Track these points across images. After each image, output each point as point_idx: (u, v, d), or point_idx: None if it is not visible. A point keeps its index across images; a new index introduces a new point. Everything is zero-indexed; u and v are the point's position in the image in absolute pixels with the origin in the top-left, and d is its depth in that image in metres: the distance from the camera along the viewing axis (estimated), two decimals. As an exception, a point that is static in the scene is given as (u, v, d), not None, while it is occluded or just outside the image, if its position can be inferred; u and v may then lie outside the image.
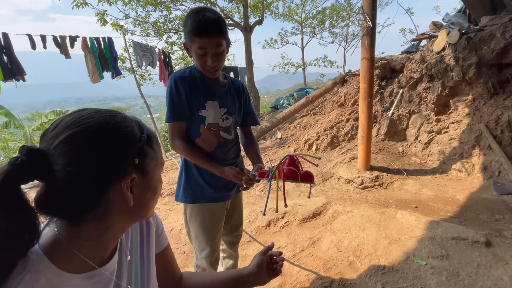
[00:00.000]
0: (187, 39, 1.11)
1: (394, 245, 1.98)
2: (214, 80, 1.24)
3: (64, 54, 4.59)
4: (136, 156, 0.52)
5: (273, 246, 0.88)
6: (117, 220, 0.53)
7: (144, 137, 0.54)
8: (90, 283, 0.52)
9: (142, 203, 0.56)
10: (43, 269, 0.46)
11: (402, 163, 3.31)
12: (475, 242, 1.85)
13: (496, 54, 2.93)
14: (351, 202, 2.66)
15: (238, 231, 1.54)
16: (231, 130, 1.31)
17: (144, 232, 0.71)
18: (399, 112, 3.77)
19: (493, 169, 2.69)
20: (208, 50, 1.09)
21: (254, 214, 2.68)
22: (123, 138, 0.51)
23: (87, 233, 0.51)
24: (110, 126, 0.50)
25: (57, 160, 0.45)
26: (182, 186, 1.30)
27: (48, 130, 0.49)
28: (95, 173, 0.48)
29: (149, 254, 0.70)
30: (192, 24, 1.04)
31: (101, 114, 0.51)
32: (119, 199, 0.51)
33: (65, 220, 0.50)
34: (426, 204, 2.53)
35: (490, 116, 2.85)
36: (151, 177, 0.56)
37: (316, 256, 2.04)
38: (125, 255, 0.63)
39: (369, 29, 2.67)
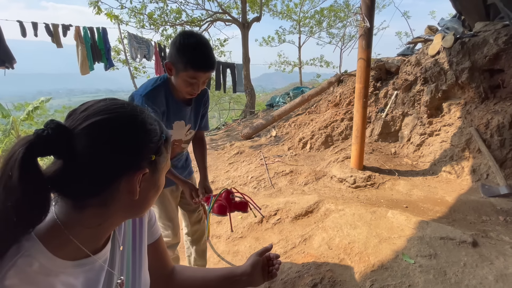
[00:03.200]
0: (178, 65, 1.10)
1: (384, 243, 2.01)
2: (182, 99, 1.27)
3: (55, 43, 4.48)
4: (154, 153, 0.53)
5: (271, 248, 0.87)
6: (118, 210, 0.53)
7: (163, 137, 0.55)
8: (82, 271, 0.51)
9: (145, 198, 0.56)
10: (37, 253, 0.45)
11: (394, 164, 3.36)
12: (462, 242, 1.89)
13: (489, 59, 2.99)
14: (343, 201, 2.68)
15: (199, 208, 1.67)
16: (190, 140, 1.44)
17: (137, 223, 0.70)
18: (392, 113, 3.81)
19: (482, 172, 2.75)
20: (198, 81, 1.14)
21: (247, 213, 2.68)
22: (147, 134, 0.52)
23: (87, 219, 0.50)
24: (139, 120, 0.51)
25: (81, 140, 0.45)
26: None
27: (77, 110, 0.49)
28: (114, 160, 0.48)
29: (141, 244, 0.69)
30: (191, 55, 1.07)
31: (132, 107, 0.52)
32: (126, 190, 0.50)
33: (70, 201, 0.49)
34: (416, 204, 2.57)
35: (480, 120, 2.92)
36: (159, 176, 0.57)
37: (308, 253, 2.05)
38: (118, 245, 0.62)
39: (366, 29, 2.68)
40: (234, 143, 5.01)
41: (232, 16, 8.77)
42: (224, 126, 8.25)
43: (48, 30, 4.33)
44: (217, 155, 4.63)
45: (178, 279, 0.81)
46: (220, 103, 15.86)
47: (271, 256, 0.86)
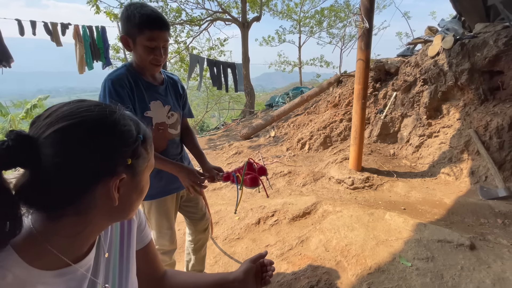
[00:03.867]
0: (131, 32, 1.10)
1: (381, 246, 1.99)
2: (152, 79, 1.25)
3: (55, 42, 4.46)
4: (130, 156, 0.50)
5: (265, 254, 0.84)
6: (98, 217, 0.51)
7: (140, 138, 0.52)
8: (63, 280, 0.49)
9: (127, 203, 0.54)
10: (11, 265, 0.43)
11: (393, 165, 3.35)
12: (459, 245, 1.88)
13: (488, 61, 2.97)
14: (341, 202, 2.67)
15: (205, 216, 1.60)
16: (177, 125, 1.37)
17: (125, 228, 0.69)
18: (392, 114, 3.80)
19: (480, 174, 2.74)
20: (158, 43, 1.11)
21: (244, 211, 2.67)
22: (119, 136, 0.49)
23: (65, 228, 0.48)
24: (108, 123, 0.48)
25: (46, 149, 0.43)
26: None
27: (41, 117, 0.46)
28: (84, 168, 0.45)
29: (129, 250, 0.68)
30: (141, 16, 1.06)
31: (100, 108, 0.48)
32: (103, 197, 0.48)
33: (44, 213, 0.47)
34: (414, 206, 2.56)
35: (479, 122, 2.90)
36: (140, 178, 0.54)
37: (304, 255, 2.04)
38: (103, 252, 0.60)
39: (365, 30, 2.66)
40: (232, 143, 5.00)
41: (232, 16, 8.75)
42: (223, 126, 8.24)
43: (47, 29, 4.31)
44: (215, 155, 4.62)
45: (169, 284, 0.79)
46: (220, 102, 15.84)
47: (265, 262, 0.84)
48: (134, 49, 1.14)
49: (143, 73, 1.22)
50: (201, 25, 8.65)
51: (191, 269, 1.69)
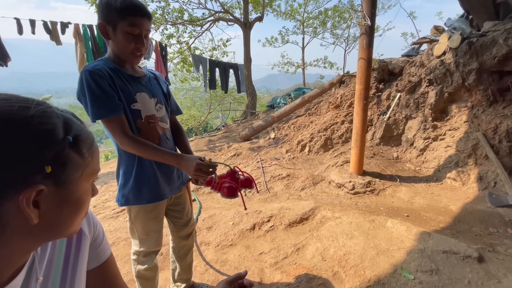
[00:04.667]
0: (111, 18, 1.01)
1: (382, 256, 1.87)
2: (133, 71, 1.16)
3: (54, 41, 4.43)
4: (49, 163, 0.40)
5: (245, 275, 0.74)
6: (15, 239, 0.41)
7: (68, 139, 0.42)
8: None
9: (56, 220, 0.44)
10: None
11: (396, 169, 3.21)
12: (467, 256, 1.74)
13: (498, 61, 2.83)
14: (340, 208, 2.55)
15: (191, 222, 1.51)
16: (166, 119, 1.28)
17: (72, 246, 0.59)
18: (395, 116, 3.66)
19: (489, 180, 2.59)
20: (140, 30, 1.04)
21: (239, 216, 2.57)
22: (33, 138, 0.39)
23: None
24: (15, 121, 0.38)
25: None
26: (128, 188, 1.19)
27: None
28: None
29: (75, 272, 0.58)
30: (124, 1, 0.99)
31: (9, 103, 0.39)
32: (16, 215, 0.39)
33: None
34: (418, 213, 2.43)
35: (488, 124, 2.75)
36: (72, 189, 0.44)
37: (300, 264, 1.93)
38: (36, 275, 0.51)
39: (367, 28, 2.55)
40: (232, 145, 4.90)
41: (234, 16, 8.68)
42: (224, 127, 8.15)
43: (46, 28, 4.29)
44: (213, 157, 4.52)
45: None
46: (223, 103, 15.79)
47: (245, 283, 0.73)
48: (113, 37, 1.05)
49: (123, 65, 1.13)
50: (203, 25, 8.60)
51: (177, 277, 1.59)
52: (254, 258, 2.04)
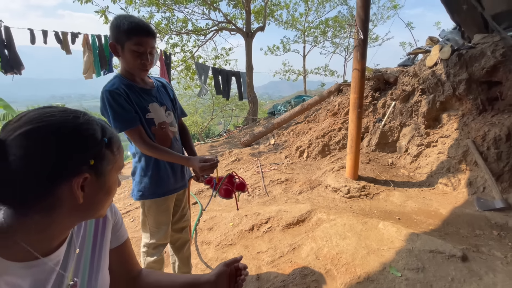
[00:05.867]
0: (120, 38, 1.19)
1: (372, 255, 1.98)
2: (143, 83, 1.34)
3: (65, 50, 4.66)
4: (92, 158, 0.54)
5: (240, 259, 0.85)
6: (65, 215, 0.54)
7: (104, 141, 0.56)
8: (30, 272, 0.53)
9: (94, 202, 0.58)
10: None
11: (390, 175, 3.33)
12: (451, 256, 1.85)
13: (486, 71, 2.97)
14: (335, 211, 2.67)
15: (186, 217, 1.69)
16: (175, 123, 1.46)
17: (99, 227, 0.73)
18: (390, 124, 3.80)
19: (478, 185, 2.70)
20: (145, 48, 1.20)
21: (238, 217, 2.69)
22: (81, 139, 0.53)
23: (32, 224, 0.52)
24: (70, 127, 0.52)
25: (13, 150, 0.47)
26: (144, 184, 1.37)
27: (11, 122, 0.51)
28: (47, 168, 0.49)
29: (101, 248, 0.72)
30: (130, 24, 1.16)
31: (64, 114, 0.53)
32: (68, 196, 0.52)
33: (12, 208, 0.52)
34: (410, 216, 2.54)
35: (477, 132, 2.88)
36: (106, 179, 0.58)
37: (295, 262, 2.04)
38: (74, 248, 0.65)
39: (360, 41, 2.71)
40: (233, 150, 5.05)
41: (236, 26, 8.95)
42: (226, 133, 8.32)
43: (57, 38, 4.52)
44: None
45: (143, 282, 0.83)
46: (225, 110, 16.02)
47: (240, 266, 0.86)
48: (122, 55, 1.23)
49: (133, 79, 1.31)
50: (206, 35, 8.87)
51: (178, 271, 1.72)
52: (252, 257, 2.16)
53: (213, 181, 1.39)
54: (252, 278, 1.93)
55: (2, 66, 3.88)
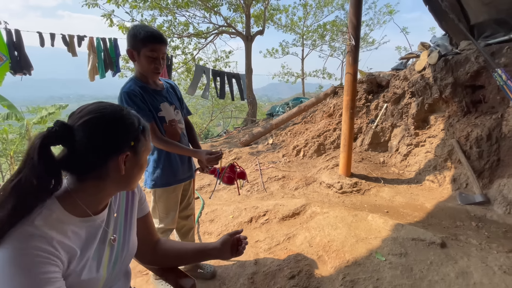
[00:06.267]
0: (137, 45, 1.38)
1: (360, 243, 2.17)
2: (155, 85, 1.53)
3: (71, 52, 4.84)
4: (133, 140, 0.72)
5: (241, 231, 1.04)
6: (110, 184, 0.73)
7: (140, 128, 0.75)
8: (85, 225, 0.72)
9: (130, 175, 0.76)
10: (55, 209, 0.66)
11: (381, 172, 3.52)
12: (431, 243, 2.04)
13: (470, 76, 3.18)
14: (329, 205, 2.85)
15: (191, 205, 1.88)
16: (182, 120, 1.66)
17: (129, 198, 0.92)
18: (382, 124, 4.00)
19: (461, 181, 2.90)
20: (158, 54, 1.39)
21: (238, 210, 2.87)
22: (126, 126, 0.71)
23: (87, 189, 0.71)
24: (118, 117, 0.71)
25: (78, 133, 0.66)
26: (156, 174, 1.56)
27: (75, 112, 0.70)
28: (101, 146, 0.68)
29: (131, 215, 0.90)
30: (146, 33, 1.35)
31: (113, 107, 0.72)
32: (114, 169, 0.71)
33: (74, 176, 0.70)
34: (397, 209, 2.73)
35: (461, 132, 3.09)
36: (140, 157, 0.76)
37: (290, 249, 2.22)
38: (113, 212, 0.83)
39: (352, 47, 2.92)
40: (232, 150, 5.23)
41: (236, 30, 9.17)
42: (226, 133, 8.51)
43: (64, 41, 4.70)
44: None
45: (161, 248, 1.01)
46: (225, 111, 16.23)
47: (241, 237, 1.05)
48: (138, 60, 1.42)
49: (147, 81, 1.50)
50: (207, 38, 9.09)
51: None
52: (250, 245, 2.34)
53: (217, 170, 1.58)
54: (250, 263, 2.11)
55: (11, 67, 4.05)
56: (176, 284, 0.99)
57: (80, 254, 0.69)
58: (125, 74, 7.58)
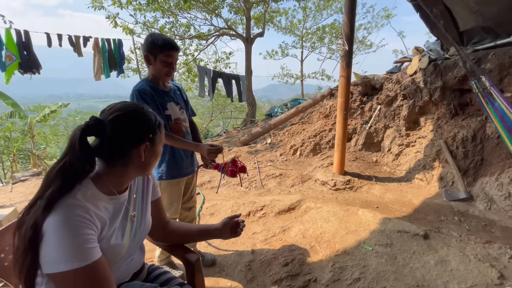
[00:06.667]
0: (154, 51, 1.56)
1: (350, 235, 2.34)
2: (164, 87, 1.70)
3: (77, 53, 5.00)
4: (151, 133, 0.89)
5: (240, 215, 1.22)
6: (132, 169, 0.90)
7: (157, 123, 0.92)
8: (112, 202, 0.88)
9: (148, 162, 0.92)
10: (90, 187, 0.83)
11: (374, 171, 3.69)
12: (415, 235, 2.21)
13: (458, 80, 3.36)
14: (322, 200, 3.02)
15: (193, 198, 2.03)
16: (187, 120, 1.83)
17: (145, 183, 1.08)
18: (376, 125, 4.17)
19: (448, 180, 3.08)
20: (172, 59, 1.58)
21: (237, 205, 3.04)
22: (146, 121, 0.88)
23: (114, 172, 0.88)
24: (140, 113, 0.88)
25: (108, 127, 0.83)
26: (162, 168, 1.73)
27: (106, 109, 0.87)
28: (126, 138, 0.85)
29: (147, 197, 1.07)
30: (164, 41, 1.54)
31: (136, 106, 0.89)
32: (136, 156, 0.87)
33: (104, 162, 0.87)
34: (386, 205, 2.90)
35: (449, 133, 3.26)
36: (156, 147, 0.93)
37: (284, 240, 2.39)
38: (133, 193, 1.00)
39: (346, 52, 3.09)
40: (232, 148, 5.40)
41: (236, 32, 9.35)
42: (225, 133, 8.67)
43: (70, 41, 4.86)
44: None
45: (171, 227, 1.18)
46: (224, 111, 16.40)
47: (239, 221, 1.22)
48: (153, 63, 1.59)
49: (158, 83, 1.67)
50: (208, 39, 9.26)
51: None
52: (248, 236, 2.50)
53: (220, 165, 1.75)
54: (248, 252, 2.27)
55: (21, 66, 4.21)
56: (183, 258, 1.15)
57: (109, 224, 0.85)
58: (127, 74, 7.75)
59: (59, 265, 0.69)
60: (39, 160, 7.95)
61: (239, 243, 2.44)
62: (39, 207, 0.73)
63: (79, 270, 0.71)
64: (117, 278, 0.93)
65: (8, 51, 3.87)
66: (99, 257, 0.76)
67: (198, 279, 1.13)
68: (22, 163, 11.30)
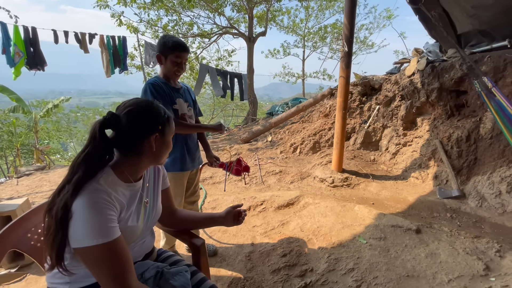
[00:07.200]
0: (165, 52, 1.67)
1: (346, 229, 2.44)
2: (174, 84, 1.82)
3: (83, 49, 5.10)
4: (160, 124, 0.99)
5: (242, 205, 1.33)
6: (145, 159, 1.00)
7: (165, 116, 1.01)
8: (129, 189, 0.99)
9: (159, 152, 1.02)
10: (110, 174, 0.93)
11: (371, 169, 3.80)
12: (408, 229, 2.32)
13: (454, 82, 3.45)
14: (320, 197, 3.12)
15: (197, 193, 2.15)
16: (193, 117, 1.94)
17: (156, 173, 1.18)
18: (374, 125, 4.27)
19: (442, 178, 3.18)
20: (181, 60, 1.69)
21: (237, 200, 3.14)
22: (155, 114, 0.98)
23: (130, 162, 0.98)
24: (151, 107, 0.97)
25: (123, 120, 0.92)
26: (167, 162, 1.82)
27: (120, 105, 0.97)
28: (138, 129, 0.94)
29: (158, 186, 1.17)
30: (174, 42, 1.65)
31: (147, 102, 0.99)
32: (148, 146, 0.97)
33: (121, 152, 0.97)
34: (382, 202, 3.00)
35: (444, 133, 3.36)
36: (166, 138, 1.02)
37: (283, 233, 2.50)
38: (146, 182, 1.10)
39: (345, 53, 3.18)
40: (233, 146, 5.50)
41: (239, 31, 9.42)
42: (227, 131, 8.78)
43: (77, 38, 4.96)
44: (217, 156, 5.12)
45: (178, 215, 1.29)
46: (226, 109, 16.49)
47: (241, 210, 1.32)
48: (164, 63, 1.71)
49: (168, 81, 1.78)
50: (211, 38, 9.34)
51: None
52: (248, 229, 2.61)
53: (225, 164, 1.87)
54: (248, 245, 2.38)
55: (27, 62, 4.30)
56: (189, 243, 1.26)
57: (126, 207, 0.96)
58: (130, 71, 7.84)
59: (86, 240, 0.80)
60: (43, 155, 8.06)
61: (240, 235, 2.54)
62: (68, 190, 0.83)
63: (102, 245, 0.81)
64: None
65: (17, 47, 3.97)
66: (119, 235, 0.86)
67: (203, 262, 1.24)
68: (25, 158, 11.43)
